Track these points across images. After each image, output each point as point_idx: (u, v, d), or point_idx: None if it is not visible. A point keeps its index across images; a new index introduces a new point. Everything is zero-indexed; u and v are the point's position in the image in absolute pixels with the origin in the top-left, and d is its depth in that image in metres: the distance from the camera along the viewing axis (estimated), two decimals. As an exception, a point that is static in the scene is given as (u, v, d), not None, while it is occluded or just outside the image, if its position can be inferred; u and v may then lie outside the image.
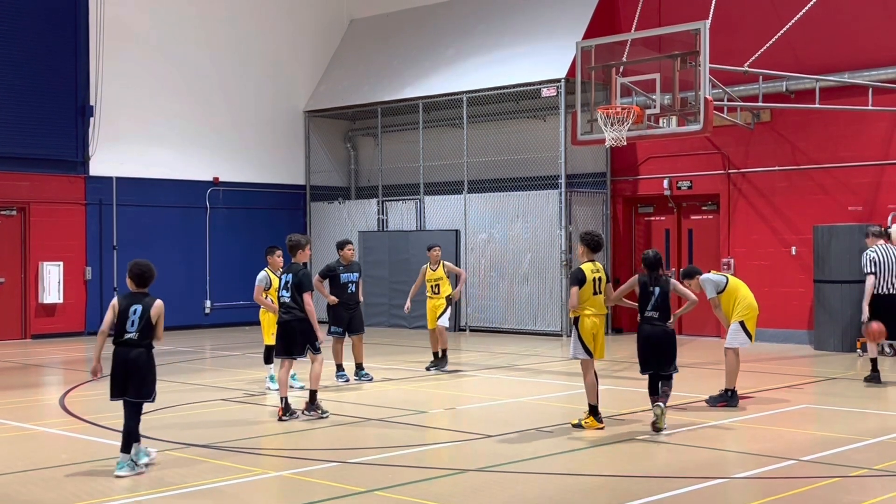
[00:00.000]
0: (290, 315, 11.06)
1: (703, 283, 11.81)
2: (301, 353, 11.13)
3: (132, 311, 8.52)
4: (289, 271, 11.19)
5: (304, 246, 11.38)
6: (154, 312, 8.55)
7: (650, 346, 10.44)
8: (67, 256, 21.23)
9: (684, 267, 11.93)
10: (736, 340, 11.75)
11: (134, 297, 8.60)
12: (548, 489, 8.01)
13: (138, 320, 8.50)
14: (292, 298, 11.04)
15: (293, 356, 11.19)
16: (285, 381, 11.23)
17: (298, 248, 11.34)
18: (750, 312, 11.75)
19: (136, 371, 8.52)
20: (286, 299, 11.10)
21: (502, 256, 21.56)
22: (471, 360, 17.27)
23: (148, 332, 8.55)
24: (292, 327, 11.06)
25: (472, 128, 22.33)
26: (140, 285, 8.66)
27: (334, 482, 8.17)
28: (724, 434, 10.33)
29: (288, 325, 11.08)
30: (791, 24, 17.40)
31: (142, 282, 8.66)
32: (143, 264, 8.73)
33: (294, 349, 11.11)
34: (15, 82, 20.52)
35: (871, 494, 7.67)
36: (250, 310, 13.99)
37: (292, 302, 11.05)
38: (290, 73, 25.15)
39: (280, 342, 11.22)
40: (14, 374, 15.59)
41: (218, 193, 23.70)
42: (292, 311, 11.05)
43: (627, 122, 15.19)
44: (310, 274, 11.54)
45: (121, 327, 8.53)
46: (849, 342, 17.09)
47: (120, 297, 8.65)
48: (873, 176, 18.02)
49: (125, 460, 8.36)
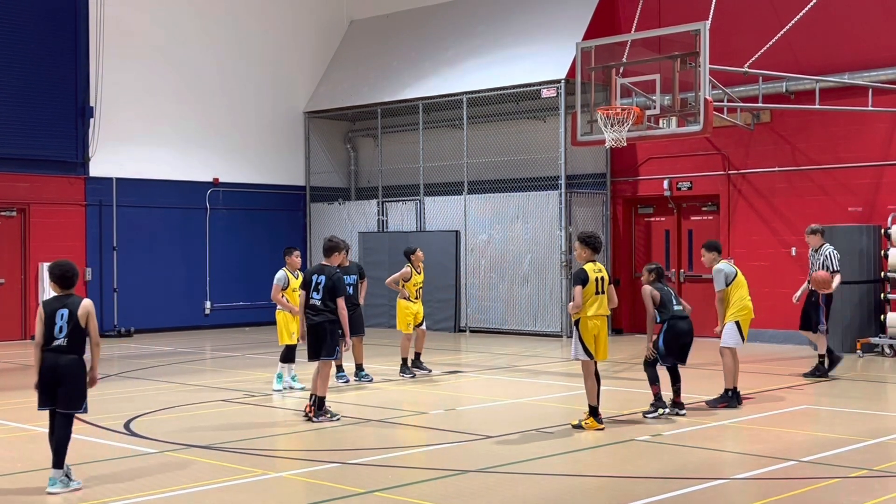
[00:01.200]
0: (321, 317, 10.98)
1: (715, 274, 11.77)
2: (331, 354, 11.06)
3: (59, 316, 7.95)
4: (322, 273, 11.07)
5: (342, 250, 11.37)
6: (82, 313, 7.97)
7: (683, 340, 11.20)
8: (67, 257, 20.73)
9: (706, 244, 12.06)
10: (731, 340, 11.76)
11: (58, 301, 8.04)
12: (548, 490, 8.02)
13: (66, 325, 7.93)
14: (323, 301, 10.98)
15: (322, 358, 11.08)
16: (317, 381, 11.08)
17: (335, 251, 11.28)
18: (746, 314, 11.78)
19: (66, 379, 7.92)
20: (316, 301, 11.00)
21: (502, 257, 21.56)
22: (471, 361, 17.28)
23: (78, 337, 7.98)
24: (323, 328, 10.97)
25: (472, 129, 22.34)
26: (64, 287, 8.10)
27: (335, 483, 8.17)
28: (724, 434, 10.34)
29: (318, 326, 10.99)
30: (791, 24, 17.40)
31: (65, 283, 8.10)
32: (64, 265, 8.18)
33: (323, 351, 11.02)
34: (15, 83, 20.52)
35: (871, 495, 7.67)
36: (250, 310, 14.00)
37: (322, 305, 10.99)
38: (290, 73, 25.15)
39: (310, 345, 11.14)
40: (14, 375, 15.59)
41: (218, 194, 23.70)
42: (322, 312, 10.97)
43: (627, 123, 15.19)
44: (343, 278, 11.50)
45: (49, 334, 7.95)
46: (849, 343, 17.09)
47: (44, 302, 8.10)
48: (873, 177, 18.03)
49: (57, 476, 7.84)
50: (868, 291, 17.33)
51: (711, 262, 11.92)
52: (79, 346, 8.01)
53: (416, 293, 14.81)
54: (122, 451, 9.47)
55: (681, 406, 11.15)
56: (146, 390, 13.57)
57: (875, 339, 16.96)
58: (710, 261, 11.95)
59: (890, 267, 16.95)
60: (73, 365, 7.97)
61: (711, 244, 12.10)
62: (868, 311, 17.30)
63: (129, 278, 21.97)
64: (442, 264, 21.63)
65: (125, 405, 12.18)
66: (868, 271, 17.33)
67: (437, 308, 21.85)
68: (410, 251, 15.08)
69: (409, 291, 14.72)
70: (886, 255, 17.05)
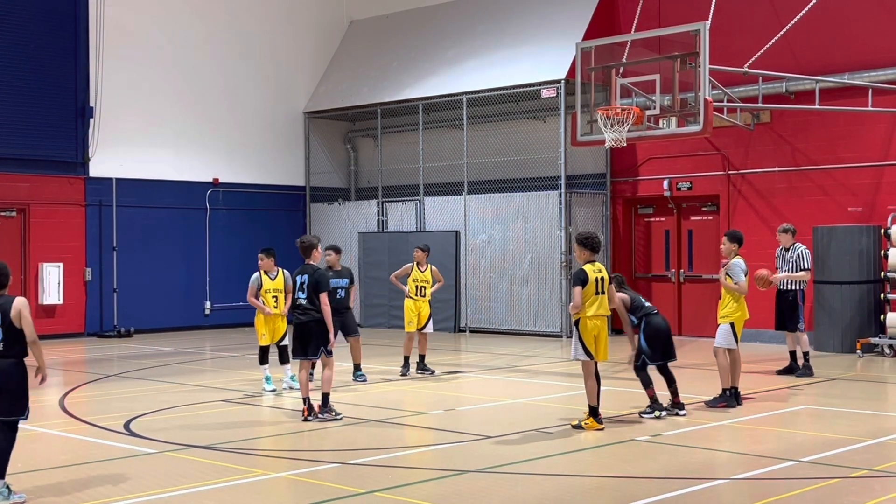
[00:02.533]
0: (307, 316, 11.04)
1: (734, 267, 11.71)
2: (316, 353, 11.10)
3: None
4: (303, 272, 11.18)
5: (317, 246, 11.43)
6: (14, 314, 7.50)
7: (663, 334, 11.22)
8: (67, 257, 21.23)
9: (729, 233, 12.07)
10: (725, 340, 11.75)
11: None
12: (548, 490, 8.02)
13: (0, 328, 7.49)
14: (308, 299, 11.04)
15: (308, 357, 11.15)
16: (305, 382, 11.22)
17: (312, 249, 11.37)
18: (741, 316, 11.77)
19: (5, 385, 7.51)
20: (302, 300, 11.09)
21: (502, 257, 21.57)
22: (471, 361, 17.28)
23: (14, 339, 7.52)
24: (309, 328, 11.03)
25: (472, 129, 22.34)
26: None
27: (334, 483, 8.17)
28: (724, 435, 10.34)
29: (305, 325, 11.05)
30: (791, 25, 17.41)
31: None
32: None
33: (310, 350, 11.08)
34: (15, 83, 20.52)
35: (871, 495, 7.67)
36: (250, 311, 13.99)
37: (308, 303, 11.05)
38: (290, 73, 25.16)
39: (296, 343, 11.18)
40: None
41: (218, 194, 23.70)
42: (308, 311, 11.04)
43: (627, 123, 15.18)
44: (325, 274, 11.55)
45: None
46: (849, 343, 17.10)
47: None
48: (873, 177, 18.03)
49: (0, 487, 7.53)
50: (868, 291, 17.34)
51: (730, 253, 11.86)
52: (17, 349, 7.56)
53: (417, 290, 14.85)
54: (122, 451, 9.47)
55: (681, 406, 11.16)
56: (146, 390, 13.57)
57: (875, 339, 16.96)
58: (728, 251, 11.87)
59: (890, 267, 16.95)
60: (11, 369, 7.54)
61: (736, 235, 12.02)
62: (868, 311, 17.30)
63: (129, 278, 21.96)
64: (442, 264, 21.54)
65: (125, 405, 12.18)
66: (868, 271, 17.34)
67: (437, 308, 21.71)
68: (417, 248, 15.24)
69: (409, 288, 14.87)
70: (886, 255, 17.04)
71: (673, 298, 20.61)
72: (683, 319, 20.39)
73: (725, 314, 11.75)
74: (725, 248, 11.92)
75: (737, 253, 11.85)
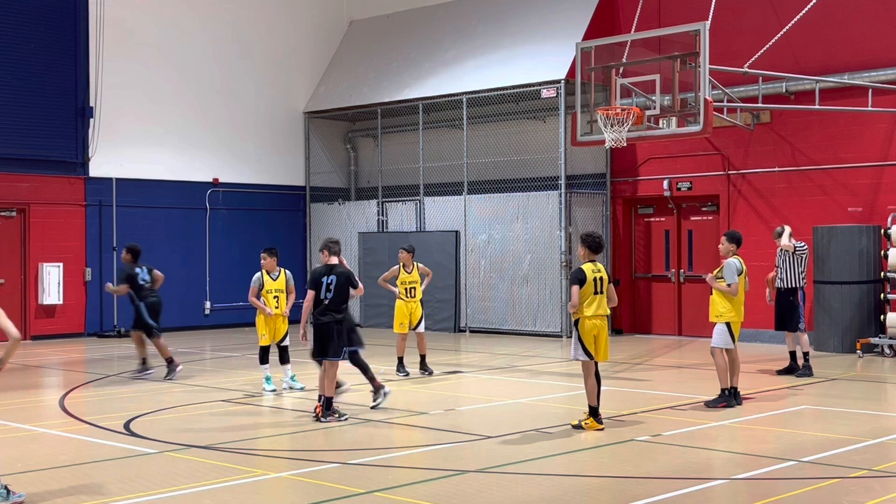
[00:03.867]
0: (328, 317, 11.07)
1: (728, 267, 11.71)
2: (337, 354, 11.11)
3: None
4: (330, 272, 11.19)
5: (322, 250, 11.45)
6: None
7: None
8: (67, 257, 21.23)
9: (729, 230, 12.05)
10: (722, 340, 11.74)
11: None
12: (548, 490, 8.01)
13: None
14: (333, 301, 11.07)
15: (329, 357, 11.12)
16: (325, 381, 11.14)
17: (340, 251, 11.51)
18: (737, 317, 11.77)
19: None
20: (327, 301, 11.10)
21: (502, 257, 21.57)
22: (471, 361, 17.28)
23: None
24: (329, 329, 11.05)
25: (472, 129, 22.34)
26: None
27: (335, 483, 8.17)
28: (723, 435, 10.34)
29: (325, 326, 11.07)
30: (791, 25, 17.41)
31: None
32: None
33: (330, 350, 11.08)
34: (15, 83, 20.52)
35: (871, 495, 7.67)
36: (250, 311, 13.99)
37: (331, 304, 11.08)
38: (290, 74, 25.16)
39: (317, 344, 11.18)
40: (14, 376, 15.57)
41: (218, 194, 23.70)
42: (329, 312, 11.08)
43: (627, 123, 15.18)
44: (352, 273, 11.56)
45: None
46: (849, 343, 17.11)
47: None
48: (873, 177, 18.03)
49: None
50: (868, 291, 17.35)
51: (727, 253, 11.87)
52: None
53: (406, 292, 14.89)
54: (122, 451, 9.47)
55: None
56: (146, 390, 13.57)
57: (875, 339, 16.96)
58: (726, 251, 11.89)
59: (890, 267, 16.96)
60: None
61: (734, 236, 12.07)
62: (868, 311, 17.31)
63: (129, 278, 21.93)
64: (442, 264, 21.62)
65: (125, 405, 12.18)
66: (868, 271, 17.34)
67: (437, 308, 21.87)
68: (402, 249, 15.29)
69: (398, 290, 14.94)
70: (886, 255, 17.05)
71: (673, 298, 20.62)
72: (683, 319, 20.40)
73: (720, 313, 11.75)
74: (724, 248, 11.94)
75: (735, 253, 11.86)
